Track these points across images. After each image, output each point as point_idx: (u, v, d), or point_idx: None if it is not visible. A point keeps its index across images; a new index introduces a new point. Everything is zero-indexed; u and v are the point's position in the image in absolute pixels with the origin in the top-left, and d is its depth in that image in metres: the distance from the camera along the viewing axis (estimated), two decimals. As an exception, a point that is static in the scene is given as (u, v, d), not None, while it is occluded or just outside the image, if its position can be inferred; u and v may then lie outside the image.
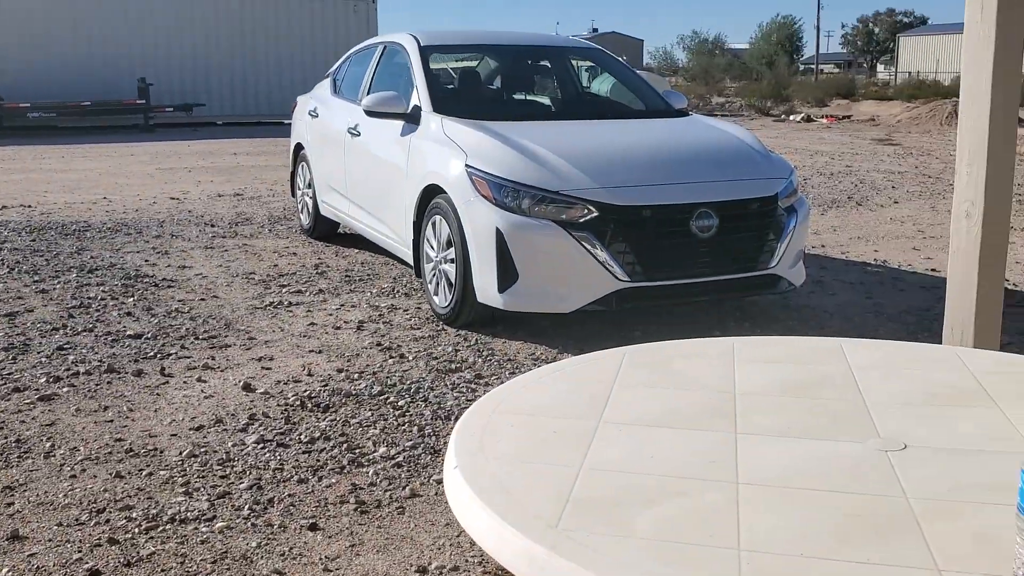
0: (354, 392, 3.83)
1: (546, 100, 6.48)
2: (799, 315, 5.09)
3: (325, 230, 7.10)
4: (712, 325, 4.87)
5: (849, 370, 1.55)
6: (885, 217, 8.30)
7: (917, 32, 64.22)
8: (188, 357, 4.28)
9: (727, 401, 1.40)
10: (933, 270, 6.12)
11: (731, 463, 1.16)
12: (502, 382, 3.97)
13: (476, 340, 4.57)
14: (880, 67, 72.77)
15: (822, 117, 26.05)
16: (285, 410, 3.63)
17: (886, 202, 9.17)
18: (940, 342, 2.39)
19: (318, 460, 3.17)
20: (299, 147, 7.43)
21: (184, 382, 3.95)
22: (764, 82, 35.01)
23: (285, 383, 3.95)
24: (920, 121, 22.52)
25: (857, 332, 4.73)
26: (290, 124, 8.01)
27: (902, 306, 5.21)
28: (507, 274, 4.45)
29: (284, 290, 5.55)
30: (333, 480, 3.03)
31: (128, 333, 4.61)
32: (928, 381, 1.49)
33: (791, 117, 26.16)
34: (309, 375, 4.05)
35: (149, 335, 4.60)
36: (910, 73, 48.82)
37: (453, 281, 4.71)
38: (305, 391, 3.84)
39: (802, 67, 65.90)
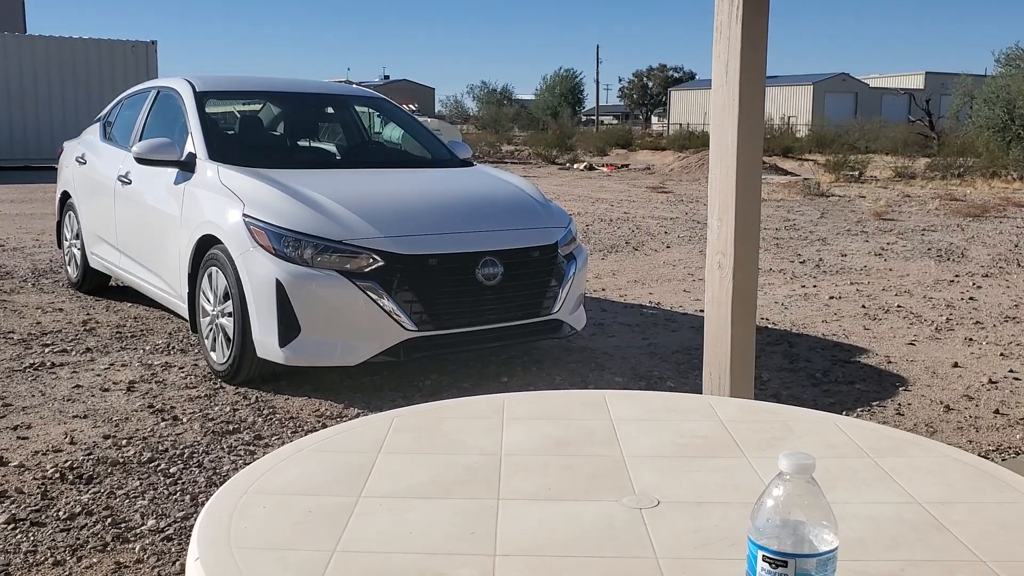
0: (121, 460, 3.56)
1: (330, 148, 6.40)
2: (581, 357, 5.25)
3: (95, 283, 6.63)
4: (500, 371, 4.93)
5: (611, 424, 1.58)
6: (659, 261, 8.78)
7: (686, 87, 69.03)
8: (-74, 430, 3.83)
9: (492, 464, 1.39)
10: (701, 311, 6.50)
11: (490, 533, 1.14)
12: (283, 442, 3.83)
13: (256, 398, 4.39)
14: (654, 119, 77.60)
15: (603, 166, 27.37)
16: (42, 484, 3.32)
17: (660, 247, 9.70)
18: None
19: (78, 538, 2.91)
20: (66, 195, 6.94)
21: (-81, 459, 3.53)
22: (550, 132, 36.40)
23: (44, 454, 3.62)
24: (690, 170, 24.13)
25: (634, 373, 4.94)
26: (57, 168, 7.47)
27: (674, 346, 5.49)
28: (288, 327, 4.32)
29: (47, 350, 5.11)
30: (95, 560, 2.78)
31: None
32: (682, 432, 1.55)
33: (575, 166, 27.31)
34: (72, 443, 3.73)
35: None
36: (681, 125, 52.32)
37: (231, 336, 4.52)
38: (66, 461, 3.52)
39: (584, 118, 69.14)
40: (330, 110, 6.71)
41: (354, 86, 8.45)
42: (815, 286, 7.51)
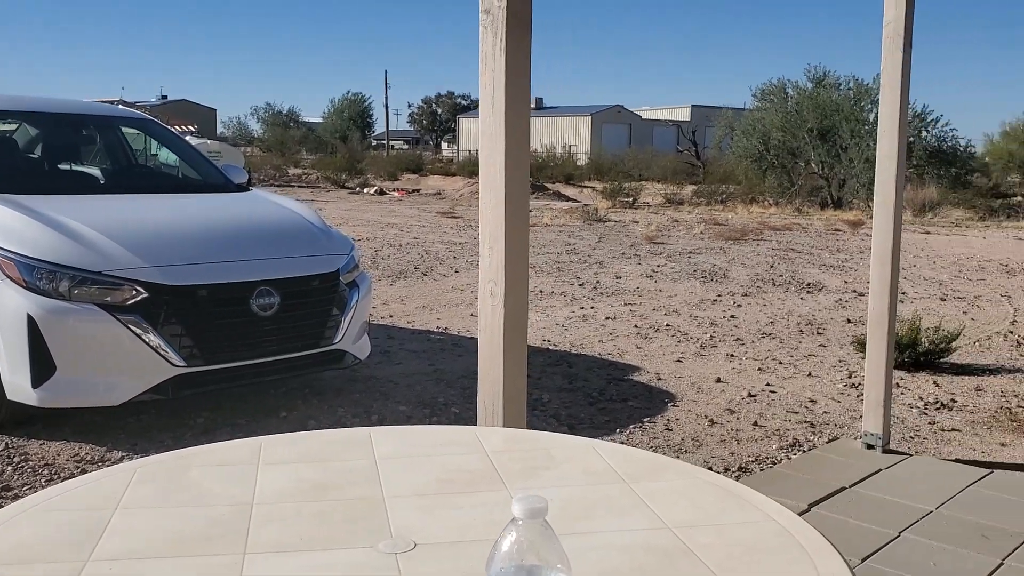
0: None
1: (93, 172, 5.97)
2: (366, 386, 5.16)
3: None
4: (279, 405, 4.75)
5: (374, 462, 1.53)
6: (447, 286, 8.83)
7: (474, 114, 70.38)
8: None
9: (242, 515, 1.31)
10: (488, 335, 6.60)
11: (233, 591, 1.06)
12: (35, 492, 3.49)
13: (7, 444, 3.99)
14: (444, 144, 78.54)
15: (394, 190, 27.36)
16: None
17: (448, 272, 9.77)
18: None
19: None
20: None
21: None
22: (338, 156, 35.99)
23: None
24: (479, 196, 24.56)
25: (419, 400, 4.90)
26: None
27: (460, 371, 5.51)
28: (42, 366, 3.97)
29: None
30: None
31: None
32: (447, 467, 1.52)
33: (365, 190, 27.12)
34: None
35: None
36: (470, 151, 53.24)
37: (-25, 378, 4.08)
38: None
39: (374, 142, 68.91)
40: (93, 132, 6.27)
41: (119, 106, 7.96)
42: (593, 307, 7.80)
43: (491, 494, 1.41)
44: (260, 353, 4.47)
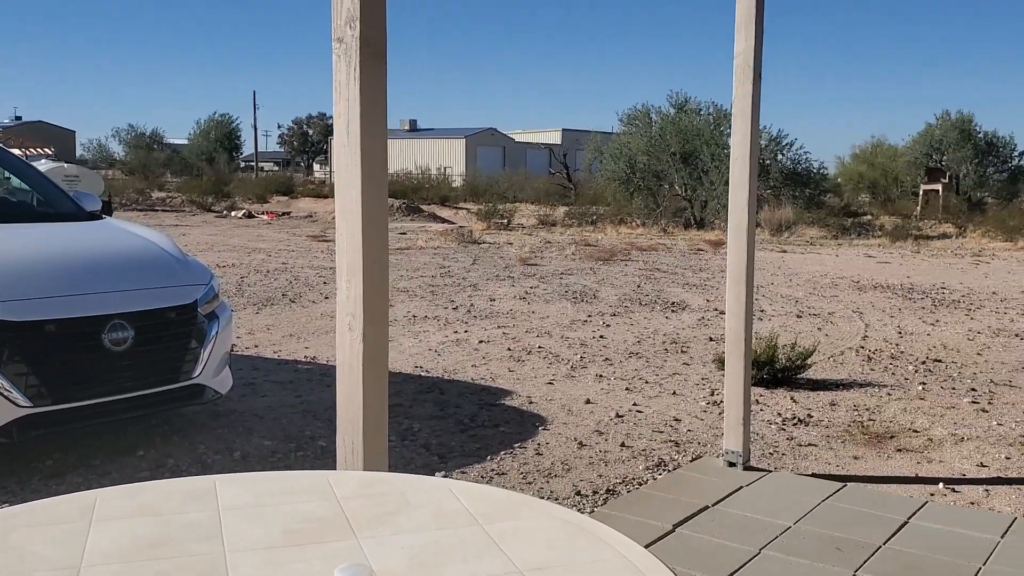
0: None
1: (-74, 200, 5.59)
2: (228, 421, 4.98)
3: None
4: (136, 444, 4.53)
5: (217, 514, 1.46)
6: (316, 313, 8.65)
7: (346, 135, 69.58)
8: None
9: (67, 580, 1.22)
10: (359, 363, 6.49)
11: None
12: None
13: None
14: (316, 166, 77.36)
15: (263, 213, 26.69)
16: None
17: (318, 298, 9.58)
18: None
19: None
20: None
21: None
22: (205, 178, 34.92)
23: None
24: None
25: (284, 434, 4.76)
26: None
27: (327, 402, 5.39)
28: None
29: None
30: None
31: None
32: (296, 516, 1.46)
33: (233, 213, 26.35)
34: None
35: None
36: (342, 172, 52.62)
37: None
38: None
39: (243, 164, 67.24)
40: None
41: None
42: (466, 331, 7.79)
43: (340, 544, 1.36)
44: (113, 390, 4.25)
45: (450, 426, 4.98)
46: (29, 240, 4.76)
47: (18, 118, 72.72)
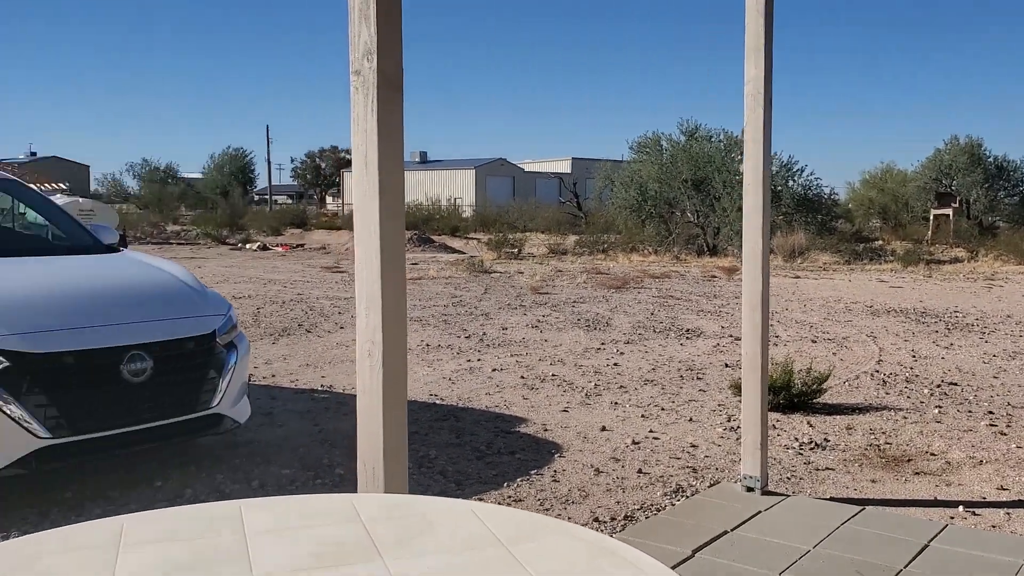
0: None
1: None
2: (247, 451, 5.00)
3: None
4: (154, 474, 4.55)
5: (244, 538, 1.48)
6: (332, 342, 8.69)
7: (358, 167, 70.00)
8: None
9: (99, 603, 1.24)
10: (374, 392, 6.51)
11: None
12: None
13: None
14: (329, 199, 77.80)
15: (277, 245, 26.88)
16: None
17: (333, 328, 9.63)
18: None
19: None
20: None
21: None
22: (220, 211, 35.19)
23: None
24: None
25: (302, 464, 4.78)
26: None
27: (346, 431, 5.41)
28: None
29: None
30: None
31: None
32: (322, 539, 1.48)
33: (248, 246, 26.55)
34: None
35: None
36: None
37: None
38: None
39: (257, 197, 67.73)
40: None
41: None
42: (480, 360, 7.81)
43: (367, 566, 1.38)
44: (132, 421, 4.28)
45: (466, 453, 4.99)
46: (48, 273, 4.82)
47: (33, 154, 73.58)
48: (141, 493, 4.30)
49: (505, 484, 4.46)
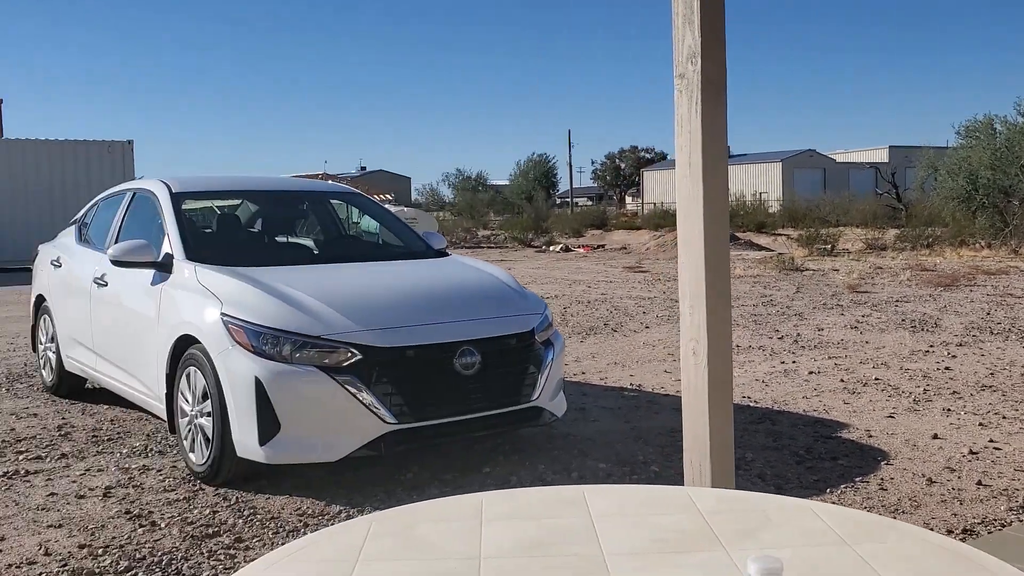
0: (98, 570, 3.48)
1: (307, 244, 6.45)
2: (564, 443, 5.22)
3: (70, 386, 6.57)
4: (482, 461, 4.89)
5: (590, 520, 1.58)
6: (639, 342, 8.81)
7: (658, 167, 70.20)
8: None
9: (471, 568, 1.39)
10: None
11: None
12: (264, 544, 3.76)
13: (237, 498, 4.32)
14: (628, 199, 78.65)
15: (579, 247, 27.63)
16: (14, 600, 3.23)
17: (638, 327, 9.75)
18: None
19: (51, 656, 2.83)
20: (41, 299, 6.92)
21: None
22: (525, 216, 36.77)
23: (17, 567, 3.53)
24: (666, 248, 24.41)
25: (618, 458, 4.91)
26: (32, 270, 7.47)
27: (657, 429, 5.48)
28: (268, 425, 4.28)
29: (21, 457, 5.03)
30: None
31: None
32: (662, 527, 1.55)
33: (551, 248, 27.55)
34: (46, 555, 3.64)
35: None
36: (655, 204, 53.05)
37: (210, 436, 4.47)
38: (40, 574, 3.44)
39: (559, 200, 69.99)
40: (306, 206, 6.78)
41: (329, 181, 8.56)
42: (794, 362, 7.56)
43: (709, 554, 1.42)
44: (463, 410, 4.62)
45: (785, 457, 4.86)
46: (390, 275, 5.34)
47: (363, 168, 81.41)
48: (472, 478, 4.63)
49: (828, 490, 4.30)
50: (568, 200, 71.43)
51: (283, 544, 3.67)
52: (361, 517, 1.68)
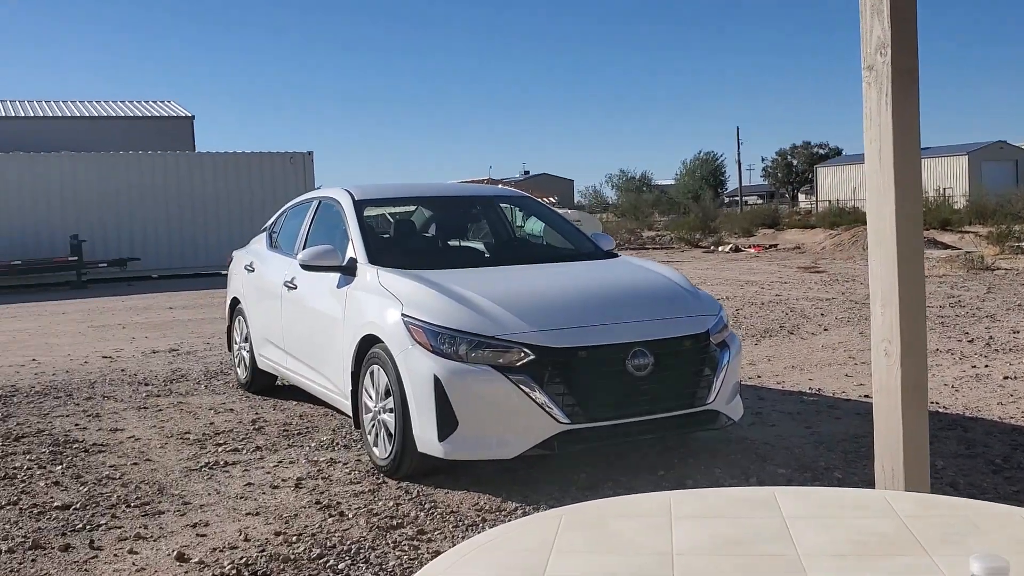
0: (293, 556, 3.71)
1: (479, 247, 6.61)
2: (741, 448, 5.12)
3: (263, 384, 7.00)
4: (656, 463, 4.87)
5: (783, 521, 1.56)
6: (817, 345, 8.50)
7: (833, 163, 67.48)
8: (119, 527, 4.11)
9: (665, 565, 1.40)
10: (866, 396, 6.24)
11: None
12: (445, 537, 3.89)
13: (418, 492, 4.49)
14: (801, 196, 75.95)
15: (749, 247, 26.89)
16: (221, 580, 3.49)
17: (816, 330, 9.41)
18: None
19: (255, 633, 3.03)
20: (235, 301, 7.41)
21: (114, 555, 3.78)
22: (691, 215, 36.14)
23: (221, 550, 3.81)
24: (843, 247, 23.40)
25: (798, 464, 4.76)
26: (227, 275, 8.02)
27: (840, 435, 5.28)
28: (447, 422, 4.42)
29: (220, 449, 5.41)
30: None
31: (55, 504, 4.43)
32: (859, 529, 1.51)
33: (720, 248, 26.95)
34: (246, 540, 3.91)
35: (78, 505, 4.42)
36: (830, 201, 50.98)
37: (393, 431, 4.66)
38: (242, 558, 3.70)
39: (727, 199, 68.48)
40: (476, 210, 6.95)
41: (499, 186, 8.74)
42: (987, 366, 7.09)
43: (914, 559, 1.37)
44: (636, 412, 4.61)
45: (979, 465, 4.58)
46: (561, 276, 5.39)
47: (527, 172, 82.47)
48: (646, 479, 4.62)
49: (1029, 502, 4.03)
50: (737, 199, 69.73)
51: (464, 538, 3.79)
52: (552, 510, 1.72)
